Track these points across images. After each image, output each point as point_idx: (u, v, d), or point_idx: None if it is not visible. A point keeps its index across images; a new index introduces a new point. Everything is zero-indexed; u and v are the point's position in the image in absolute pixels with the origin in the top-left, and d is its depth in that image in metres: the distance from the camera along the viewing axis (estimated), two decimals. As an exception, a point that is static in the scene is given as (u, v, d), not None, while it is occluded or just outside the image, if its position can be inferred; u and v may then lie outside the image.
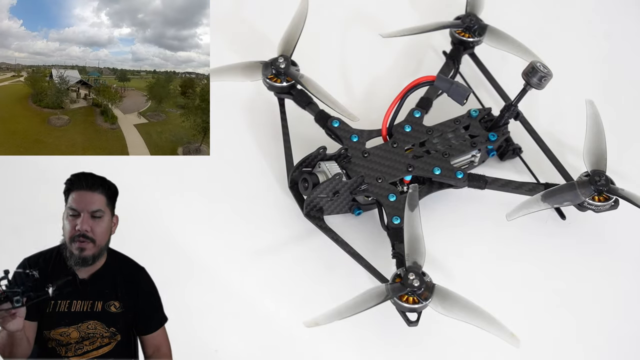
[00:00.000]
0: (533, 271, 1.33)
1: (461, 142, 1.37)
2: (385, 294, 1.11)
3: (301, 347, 1.24)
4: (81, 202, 1.15)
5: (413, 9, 1.70)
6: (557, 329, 1.28)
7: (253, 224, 1.36)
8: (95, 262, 1.15)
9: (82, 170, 1.18)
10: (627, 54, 1.66)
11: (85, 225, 1.14)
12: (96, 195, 1.16)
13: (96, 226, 1.15)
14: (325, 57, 1.62)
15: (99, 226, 1.15)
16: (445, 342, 1.25)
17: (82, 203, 1.15)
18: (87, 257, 1.14)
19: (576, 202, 1.25)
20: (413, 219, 1.17)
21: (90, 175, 1.17)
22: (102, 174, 1.19)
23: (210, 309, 1.26)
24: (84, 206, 1.15)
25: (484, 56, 1.51)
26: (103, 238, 1.16)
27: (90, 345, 1.14)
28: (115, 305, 1.15)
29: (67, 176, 1.17)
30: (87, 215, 1.15)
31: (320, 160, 1.32)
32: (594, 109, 1.33)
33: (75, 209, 1.15)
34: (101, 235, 1.15)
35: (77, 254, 1.14)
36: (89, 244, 1.14)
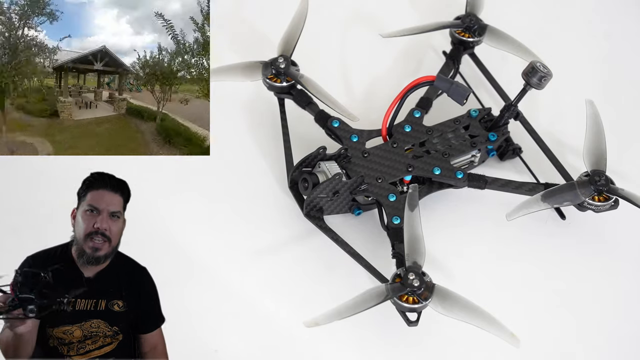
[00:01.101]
0: (533, 271, 1.33)
1: (461, 142, 1.37)
2: (385, 294, 1.11)
3: (301, 347, 1.24)
4: (103, 201, 1.16)
5: (413, 9, 1.70)
6: (557, 328, 1.28)
7: (253, 224, 1.36)
8: (106, 262, 1.16)
9: (82, 170, 1.19)
10: (627, 54, 1.66)
11: (105, 224, 1.15)
12: (117, 197, 1.18)
13: (114, 226, 1.16)
14: (325, 57, 1.62)
15: (116, 226, 1.17)
16: (445, 342, 1.25)
17: (104, 202, 1.16)
18: (100, 256, 1.15)
19: (576, 202, 1.25)
20: (413, 219, 1.17)
21: (112, 176, 1.19)
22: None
23: (210, 309, 1.27)
24: (105, 205, 1.16)
25: (484, 56, 1.51)
26: (117, 239, 1.17)
27: (92, 344, 1.14)
28: (119, 304, 1.16)
29: (67, 176, 1.18)
30: (107, 215, 1.16)
31: (320, 160, 1.32)
32: (594, 108, 1.33)
33: (96, 207, 1.16)
34: (116, 236, 1.17)
35: (89, 253, 1.15)
36: (105, 244, 1.15)
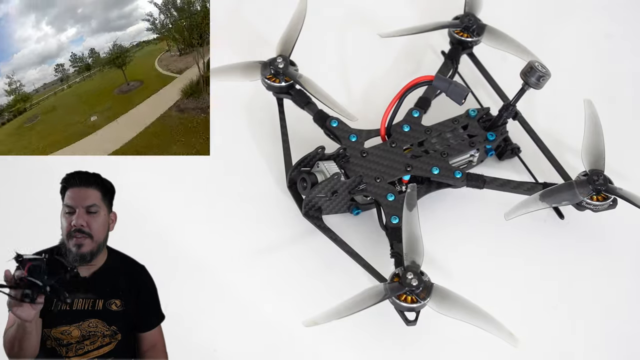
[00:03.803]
0: (531, 270, 1.33)
1: (460, 142, 1.37)
2: (383, 294, 1.11)
3: (300, 346, 1.24)
4: (75, 198, 1.15)
5: (412, 9, 1.70)
6: (556, 328, 1.28)
7: (252, 224, 1.36)
8: (94, 258, 1.15)
9: (80, 169, 1.19)
10: (625, 53, 1.66)
11: (81, 220, 1.14)
12: (90, 191, 1.16)
13: (92, 221, 1.15)
14: (324, 57, 1.62)
15: (95, 221, 1.15)
16: (443, 342, 1.25)
17: (77, 199, 1.15)
18: (85, 253, 1.14)
19: (574, 201, 1.25)
20: (411, 218, 1.17)
21: (83, 172, 1.18)
22: (101, 174, 1.19)
23: (209, 308, 1.27)
24: (78, 202, 1.15)
25: (483, 56, 1.51)
26: (100, 233, 1.16)
27: (91, 344, 1.14)
28: (117, 303, 1.16)
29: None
30: (82, 211, 1.15)
31: (318, 160, 1.32)
32: (592, 108, 1.33)
33: (70, 205, 1.15)
34: (98, 231, 1.15)
35: (75, 251, 1.14)
36: (86, 240, 1.14)
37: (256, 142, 1.48)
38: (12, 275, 1.04)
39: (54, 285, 1.06)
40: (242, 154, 1.46)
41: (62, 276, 1.09)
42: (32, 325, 1.08)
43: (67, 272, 1.10)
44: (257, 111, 1.52)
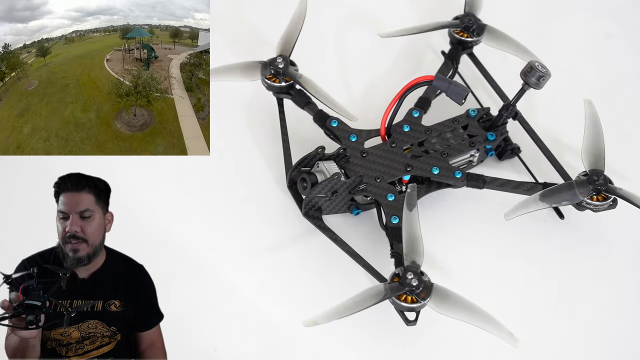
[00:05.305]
0: (532, 270, 1.33)
1: (460, 142, 1.37)
2: (383, 294, 1.11)
3: (300, 346, 1.24)
4: (68, 203, 1.15)
5: (412, 9, 1.70)
6: (556, 328, 1.28)
7: (252, 224, 1.36)
8: (91, 261, 1.15)
9: (80, 170, 1.18)
10: (625, 53, 1.66)
11: (75, 226, 1.14)
12: (83, 195, 1.15)
13: (86, 226, 1.15)
14: (324, 57, 1.62)
15: (90, 226, 1.15)
16: (443, 342, 1.25)
17: (69, 205, 1.15)
18: (82, 257, 1.14)
19: (574, 201, 1.25)
20: (411, 218, 1.17)
21: (75, 175, 1.17)
22: (101, 174, 1.19)
23: (209, 308, 1.27)
24: (71, 207, 1.15)
25: (483, 56, 1.51)
26: (95, 237, 1.16)
27: (90, 344, 1.14)
28: (116, 304, 1.16)
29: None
30: (76, 216, 1.14)
31: (318, 160, 1.32)
32: (592, 108, 1.33)
33: (64, 211, 1.15)
34: (93, 235, 1.15)
35: (71, 256, 1.14)
36: (82, 244, 1.14)
37: (256, 142, 1.48)
38: (9, 302, 1.04)
39: (53, 301, 1.08)
40: (242, 153, 1.46)
41: (58, 285, 1.09)
42: (35, 339, 1.08)
43: (61, 278, 1.10)
44: (257, 111, 1.52)
